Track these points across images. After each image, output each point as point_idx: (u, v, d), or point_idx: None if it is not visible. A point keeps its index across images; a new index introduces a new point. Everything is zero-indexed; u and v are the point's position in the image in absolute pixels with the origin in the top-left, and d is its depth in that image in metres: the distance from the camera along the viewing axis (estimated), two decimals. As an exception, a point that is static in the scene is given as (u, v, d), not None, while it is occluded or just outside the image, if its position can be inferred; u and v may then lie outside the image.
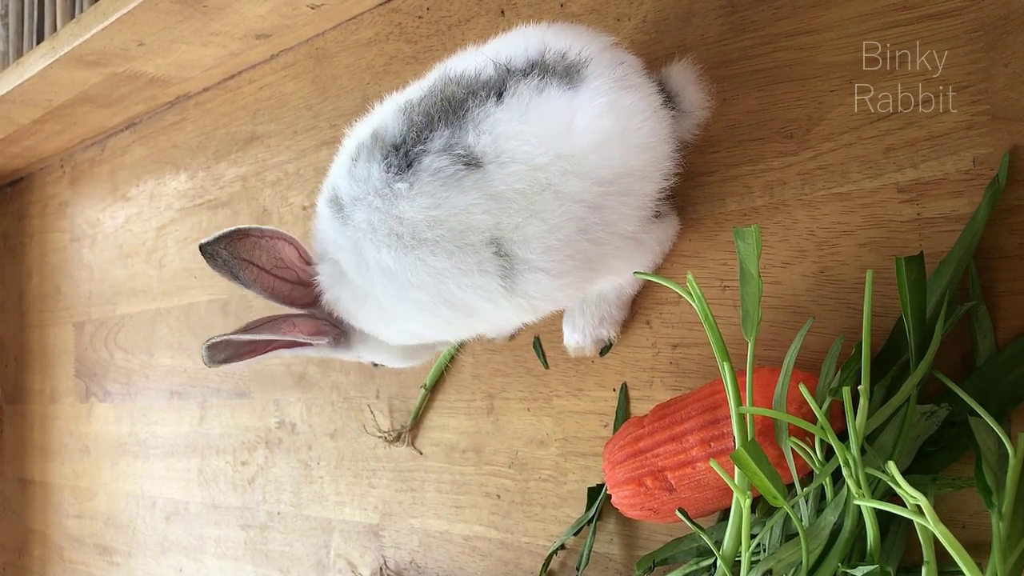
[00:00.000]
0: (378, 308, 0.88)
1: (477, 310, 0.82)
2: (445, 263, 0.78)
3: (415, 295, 0.81)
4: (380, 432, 1.22)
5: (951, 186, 0.76)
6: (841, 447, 0.70)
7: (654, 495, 0.83)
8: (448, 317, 0.83)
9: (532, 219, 0.76)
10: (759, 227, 0.72)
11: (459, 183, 0.76)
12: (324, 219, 0.88)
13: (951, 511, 0.75)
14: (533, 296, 0.80)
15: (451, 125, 0.77)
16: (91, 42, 1.34)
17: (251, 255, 0.92)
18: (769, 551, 0.77)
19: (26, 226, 2.10)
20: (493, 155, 0.75)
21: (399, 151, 0.79)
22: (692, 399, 0.83)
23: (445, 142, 0.76)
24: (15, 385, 2.12)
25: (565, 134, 0.75)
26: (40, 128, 1.77)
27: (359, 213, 0.82)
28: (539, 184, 0.75)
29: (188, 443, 1.59)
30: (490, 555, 1.09)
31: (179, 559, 1.60)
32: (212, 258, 0.90)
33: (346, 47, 1.33)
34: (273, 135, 1.45)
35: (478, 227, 0.76)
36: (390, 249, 0.80)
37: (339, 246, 0.87)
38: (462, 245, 0.77)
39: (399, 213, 0.78)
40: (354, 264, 0.85)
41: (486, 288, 0.79)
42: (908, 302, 0.73)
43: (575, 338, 0.98)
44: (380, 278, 0.83)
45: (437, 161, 0.76)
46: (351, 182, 0.83)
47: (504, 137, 0.75)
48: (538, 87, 0.76)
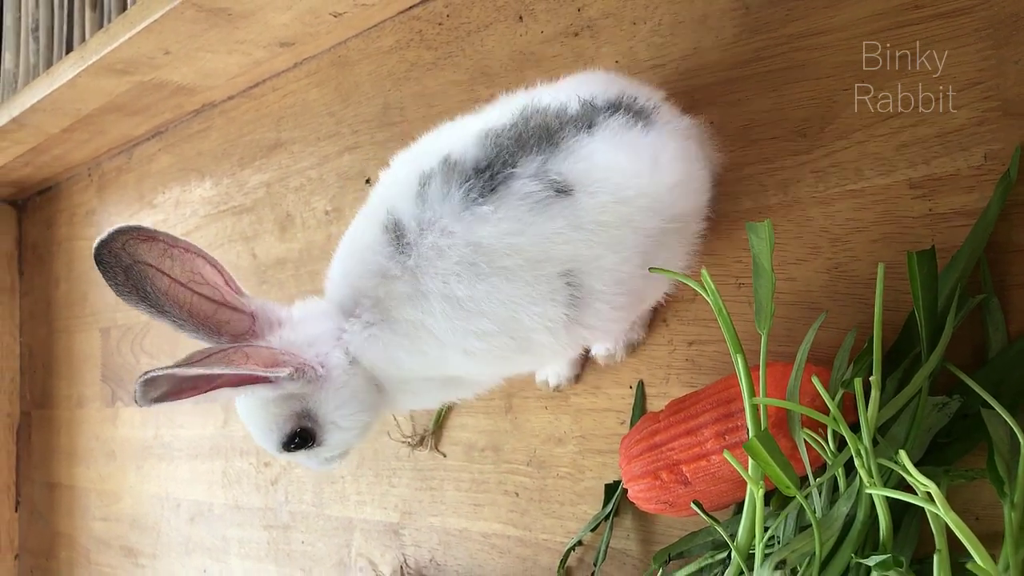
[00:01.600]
0: (424, 343, 0.83)
1: (534, 343, 0.81)
2: (519, 291, 0.78)
3: (482, 325, 0.79)
4: (404, 437, 1.23)
5: (963, 182, 0.77)
6: (853, 438, 0.70)
7: (670, 488, 0.84)
8: (505, 350, 0.81)
9: (608, 252, 0.78)
10: (772, 223, 0.73)
11: (547, 209, 0.76)
12: (373, 250, 0.82)
13: (964, 503, 0.75)
14: (593, 326, 0.81)
15: (544, 152, 0.77)
16: (119, 51, 1.37)
17: (159, 262, 0.81)
18: (783, 542, 0.77)
19: (54, 234, 2.14)
20: (584, 183, 0.77)
21: (483, 175, 0.77)
22: (707, 393, 0.84)
23: (538, 168, 0.77)
24: (43, 391, 2.15)
25: (650, 171, 0.79)
26: (69, 137, 1.80)
27: (428, 238, 0.79)
28: (622, 218, 0.77)
29: (212, 445, 1.62)
30: (509, 552, 1.11)
31: (203, 560, 1.62)
32: (110, 267, 0.79)
33: (368, 54, 1.36)
34: (296, 142, 1.47)
35: (556, 257, 0.77)
36: (459, 278, 0.78)
37: (385, 275, 0.82)
38: (537, 275, 0.77)
39: (477, 239, 0.77)
40: (407, 294, 0.81)
41: (552, 318, 0.79)
42: (920, 296, 0.74)
43: (606, 347, 1.00)
44: (441, 307, 0.79)
45: (528, 186, 0.76)
46: (420, 206, 0.79)
47: (597, 167, 0.77)
48: (625, 124, 0.80)
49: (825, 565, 0.74)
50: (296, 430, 0.88)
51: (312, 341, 0.86)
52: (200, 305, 0.83)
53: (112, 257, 0.79)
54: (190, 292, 0.83)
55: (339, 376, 0.86)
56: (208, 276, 0.84)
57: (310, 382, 0.85)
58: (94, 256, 0.79)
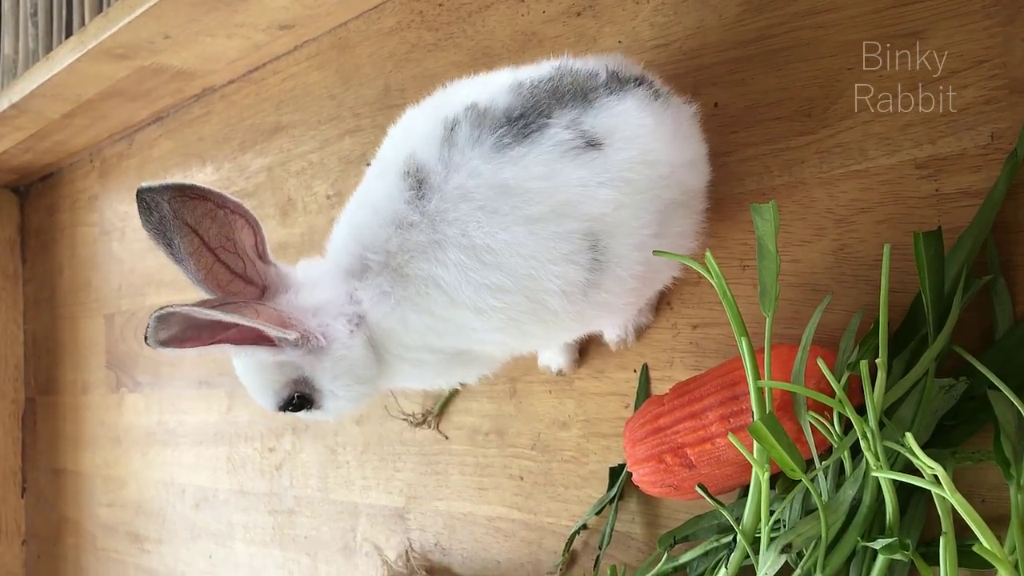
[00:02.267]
0: (435, 300, 0.81)
1: (548, 309, 0.79)
2: (540, 247, 0.77)
3: (497, 279, 0.78)
4: (405, 415, 1.23)
5: (969, 161, 0.76)
6: (859, 420, 0.70)
7: (674, 472, 0.84)
8: (516, 312, 0.80)
9: (631, 215, 0.78)
10: (776, 204, 0.72)
11: (577, 158, 0.76)
12: (389, 198, 0.81)
13: (970, 485, 0.75)
14: (609, 295, 0.81)
15: (578, 107, 0.78)
16: (118, 35, 1.36)
17: (198, 223, 0.80)
18: (788, 525, 0.77)
19: (57, 220, 2.14)
20: (614, 139, 0.77)
21: (516, 123, 0.77)
22: (711, 376, 0.84)
23: (572, 119, 0.77)
24: (47, 377, 2.16)
25: (672, 141, 0.80)
26: (69, 123, 1.80)
27: (454, 179, 0.77)
28: (646, 180, 0.78)
29: (216, 431, 1.62)
30: (513, 536, 1.11)
31: (208, 545, 1.63)
32: (148, 210, 0.78)
33: (368, 36, 1.35)
34: (297, 125, 1.47)
35: (581, 213, 0.76)
36: (479, 224, 0.77)
37: (401, 224, 0.80)
38: (561, 231, 0.76)
39: (504, 180, 0.76)
40: (422, 244, 0.79)
41: (571, 280, 0.78)
42: (926, 277, 0.73)
43: (617, 332, 0.99)
44: (457, 258, 0.78)
45: (562, 134, 0.76)
46: (447, 149, 0.78)
47: (628, 125, 0.78)
48: (651, 95, 0.81)
49: (831, 548, 0.74)
50: (293, 395, 0.89)
51: (316, 309, 0.85)
52: (218, 271, 0.83)
53: (153, 203, 0.78)
54: (214, 258, 0.82)
55: (339, 348, 0.86)
56: (240, 242, 0.83)
57: (311, 351, 0.85)
58: (136, 194, 0.77)
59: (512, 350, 0.93)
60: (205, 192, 0.79)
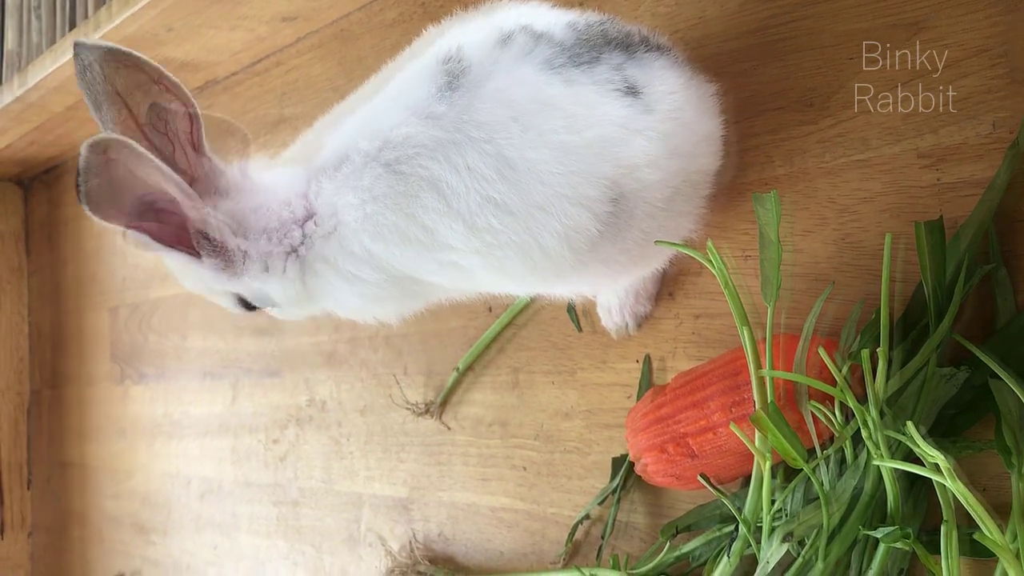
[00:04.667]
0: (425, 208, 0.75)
1: (542, 248, 0.75)
2: (564, 179, 0.73)
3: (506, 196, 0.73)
4: (408, 404, 1.23)
5: (971, 150, 0.76)
6: (861, 409, 0.70)
7: (676, 461, 0.84)
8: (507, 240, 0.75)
9: (658, 182, 0.76)
10: (778, 193, 0.72)
11: (619, 99, 0.74)
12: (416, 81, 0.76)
13: (972, 474, 0.75)
14: (613, 255, 0.79)
15: (623, 54, 0.76)
16: (121, 28, 1.36)
17: (128, 93, 0.76)
18: (790, 515, 0.77)
19: (61, 213, 2.14)
20: (651, 92, 0.76)
21: (570, 50, 0.75)
22: (714, 366, 0.84)
23: (617, 64, 0.76)
24: (52, 370, 2.16)
25: (698, 108, 0.80)
26: (73, 115, 1.80)
27: (497, 80, 0.73)
28: (679, 143, 0.77)
29: (221, 423, 1.62)
30: (517, 526, 1.11)
31: (214, 536, 1.63)
32: (82, 68, 0.75)
33: (371, 28, 1.35)
34: (301, 118, 1.47)
35: (616, 157, 0.74)
36: (509, 137, 0.72)
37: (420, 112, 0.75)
38: (590, 172, 0.73)
39: (551, 96, 0.73)
40: (436, 141, 0.74)
41: (580, 227, 0.74)
42: (928, 266, 0.73)
43: (615, 319, 0.99)
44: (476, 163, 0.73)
45: (609, 73, 0.75)
46: (499, 50, 0.74)
47: (664, 81, 0.77)
48: (678, 63, 0.81)
49: (833, 537, 0.74)
50: (238, 299, 0.88)
51: (250, 213, 0.81)
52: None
53: (86, 61, 0.75)
54: (140, 134, 0.77)
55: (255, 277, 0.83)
56: (173, 124, 0.79)
57: (230, 269, 0.82)
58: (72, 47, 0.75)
59: (466, 287, 0.87)
60: (140, 62, 0.76)
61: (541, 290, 0.87)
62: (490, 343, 1.15)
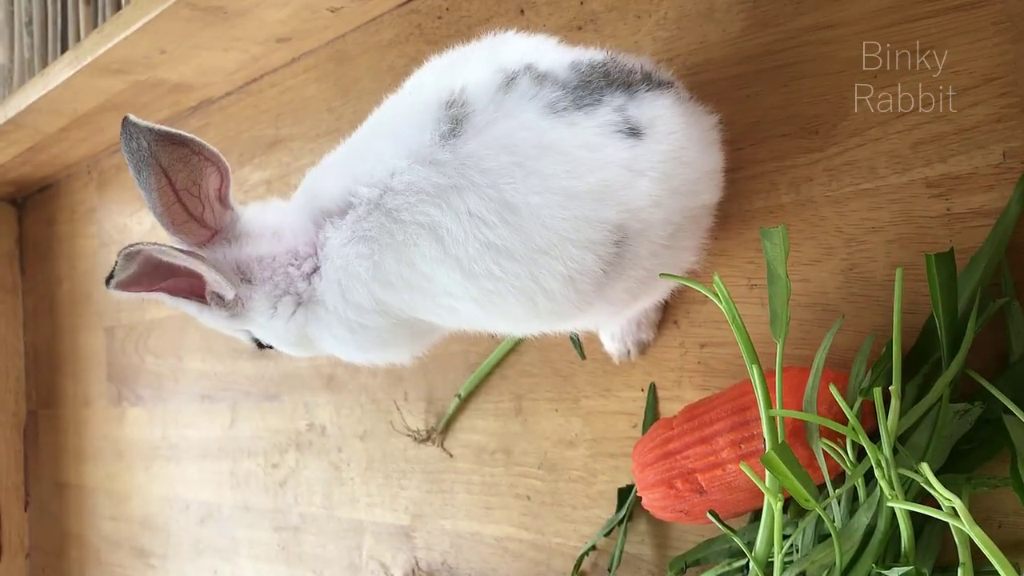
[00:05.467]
0: (424, 256, 0.76)
1: (545, 291, 0.75)
2: (568, 225, 0.72)
3: (508, 242, 0.73)
4: (409, 431, 1.22)
5: (981, 180, 0.75)
6: (873, 448, 0.69)
7: (685, 497, 0.83)
8: (510, 288, 0.75)
9: (662, 220, 0.76)
10: (787, 226, 0.71)
11: (624, 140, 0.74)
12: (418, 127, 0.76)
13: (987, 510, 0.74)
14: (617, 294, 0.78)
15: (624, 95, 0.76)
16: (114, 51, 1.35)
17: (170, 165, 0.81)
18: (802, 552, 0.76)
19: (55, 232, 2.12)
20: (653, 132, 0.75)
21: (573, 92, 0.75)
22: (721, 400, 0.83)
23: (619, 105, 0.75)
24: (48, 390, 2.15)
25: (700, 144, 0.80)
26: (66, 136, 1.78)
27: (502, 126, 0.73)
28: (680, 182, 0.77)
29: (219, 446, 1.61)
30: (522, 556, 1.09)
31: (214, 561, 1.62)
32: (128, 138, 0.80)
33: (366, 49, 1.33)
34: (296, 138, 1.45)
35: (619, 200, 0.73)
36: (512, 182, 0.72)
37: (422, 158, 0.74)
38: (593, 217, 0.73)
39: (554, 140, 0.72)
40: (438, 188, 0.73)
41: (585, 269, 0.74)
42: (939, 300, 0.72)
43: (616, 346, 0.98)
44: (477, 208, 0.72)
45: (611, 115, 0.74)
46: (503, 95, 0.74)
47: (666, 120, 0.77)
48: (682, 99, 0.81)
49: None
50: (252, 339, 0.94)
51: (255, 262, 0.85)
52: (176, 211, 0.84)
53: (135, 135, 0.79)
54: (175, 199, 0.83)
55: (261, 319, 0.87)
56: (205, 186, 0.84)
57: (235, 316, 0.87)
58: (122, 122, 0.79)
59: (466, 326, 0.87)
60: (186, 140, 0.81)
61: (544, 330, 0.87)
62: (492, 369, 1.13)
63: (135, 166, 0.80)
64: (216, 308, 0.87)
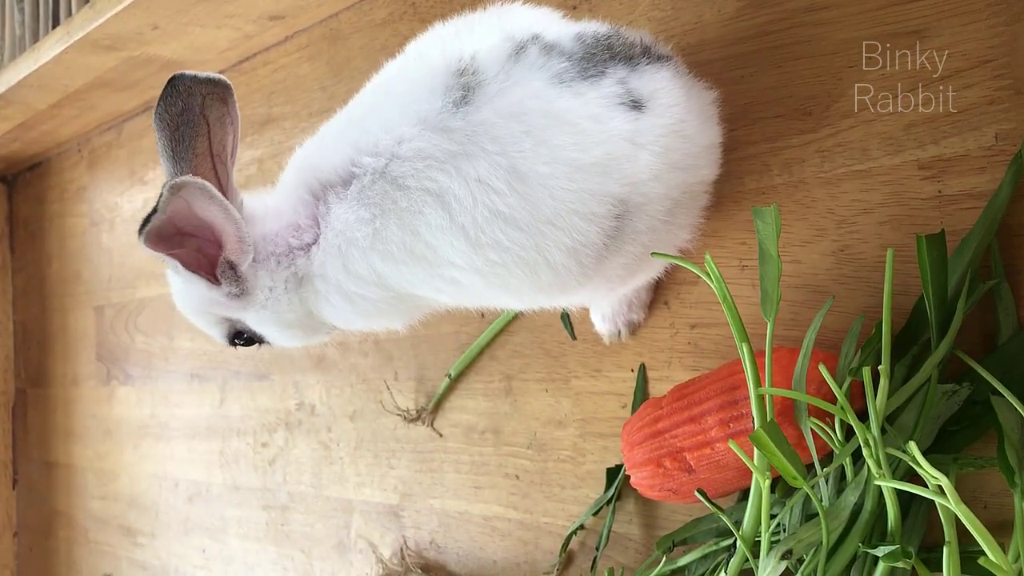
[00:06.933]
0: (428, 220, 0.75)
1: (549, 263, 0.75)
2: (573, 194, 0.73)
3: (515, 210, 0.73)
4: (399, 411, 1.22)
5: (973, 162, 0.75)
6: (861, 427, 0.69)
7: (673, 476, 0.83)
8: (515, 258, 0.75)
9: (661, 195, 0.76)
10: (778, 206, 0.71)
11: (627, 112, 0.74)
12: (427, 94, 0.75)
13: (973, 490, 0.74)
14: (614, 267, 0.78)
15: (626, 67, 0.76)
16: (106, 26, 1.34)
17: (214, 125, 0.79)
18: (789, 531, 0.76)
19: (45, 211, 2.11)
20: (654, 105, 0.76)
21: (579, 63, 0.75)
22: (710, 380, 0.83)
23: (621, 77, 0.75)
24: (38, 369, 2.14)
25: (699, 118, 0.80)
26: (57, 113, 1.77)
27: (514, 93, 0.73)
28: (681, 156, 0.77)
29: (209, 425, 1.61)
30: (510, 535, 1.10)
31: (202, 540, 1.62)
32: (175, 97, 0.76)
33: (360, 28, 1.33)
34: (288, 117, 1.45)
35: (622, 173, 0.74)
36: (522, 151, 0.72)
37: (430, 125, 0.74)
38: (598, 190, 0.73)
39: (562, 109, 0.73)
40: (447, 153, 0.73)
41: (588, 241, 0.74)
42: (929, 281, 0.72)
43: (607, 326, 0.98)
44: (486, 174, 0.72)
45: (615, 87, 0.75)
46: (513, 63, 0.74)
47: (667, 93, 0.77)
48: (681, 72, 0.81)
49: (832, 554, 0.73)
50: (233, 332, 0.91)
51: (256, 246, 0.83)
52: (209, 179, 0.79)
53: (185, 92, 0.77)
54: (211, 165, 0.81)
55: (260, 298, 0.85)
56: (228, 152, 0.83)
57: (239, 295, 0.84)
58: (169, 80, 0.76)
59: (463, 301, 0.86)
60: (230, 95, 0.79)
61: (543, 304, 0.87)
62: (483, 349, 1.13)
63: (175, 128, 0.77)
64: (225, 283, 0.83)
